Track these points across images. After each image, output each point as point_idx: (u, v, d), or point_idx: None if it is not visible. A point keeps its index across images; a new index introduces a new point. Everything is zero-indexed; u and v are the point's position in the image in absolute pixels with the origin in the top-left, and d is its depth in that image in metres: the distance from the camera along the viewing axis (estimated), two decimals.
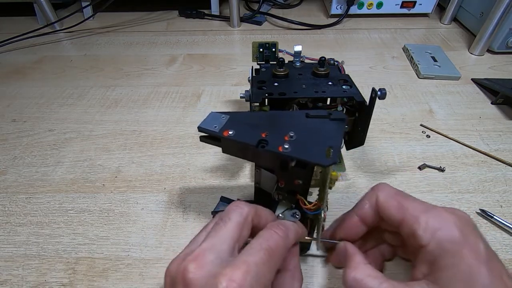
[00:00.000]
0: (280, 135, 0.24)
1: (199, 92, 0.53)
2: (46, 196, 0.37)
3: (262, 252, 0.20)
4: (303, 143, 0.24)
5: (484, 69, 0.58)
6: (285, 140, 0.24)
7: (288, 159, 0.23)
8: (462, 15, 0.72)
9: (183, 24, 0.78)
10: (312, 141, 0.24)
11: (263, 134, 0.25)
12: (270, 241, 0.21)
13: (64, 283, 0.29)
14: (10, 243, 0.33)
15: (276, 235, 0.21)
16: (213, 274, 0.18)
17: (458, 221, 0.21)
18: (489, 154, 0.41)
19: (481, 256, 0.19)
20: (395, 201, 0.23)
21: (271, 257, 0.20)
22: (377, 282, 0.20)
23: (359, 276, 0.21)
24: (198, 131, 0.26)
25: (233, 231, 0.21)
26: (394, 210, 0.23)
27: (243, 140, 0.24)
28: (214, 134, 0.25)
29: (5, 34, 0.70)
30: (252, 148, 0.24)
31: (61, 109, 0.51)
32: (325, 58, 0.36)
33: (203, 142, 0.27)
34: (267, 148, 0.24)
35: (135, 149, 0.43)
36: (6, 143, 0.45)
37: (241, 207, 0.22)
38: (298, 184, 0.25)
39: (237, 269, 0.18)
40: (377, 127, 0.45)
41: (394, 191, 0.24)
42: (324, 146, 0.23)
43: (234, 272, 0.18)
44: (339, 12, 0.75)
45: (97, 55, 0.65)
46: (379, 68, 0.59)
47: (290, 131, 0.24)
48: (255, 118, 0.27)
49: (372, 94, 0.29)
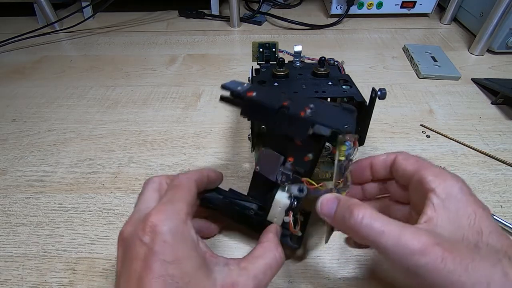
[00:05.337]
0: (300, 106, 0.25)
1: (199, 92, 0.53)
2: (46, 196, 0.37)
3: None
4: (322, 115, 0.24)
5: (484, 69, 0.58)
6: (305, 110, 0.25)
7: (309, 124, 0.24)
8: (462, 15, 0.72)
9: (183, 24, 0.78)
10: (330, 116, 0.25)
11: (284, 102, 0.25)
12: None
13: (64, 283, 0.29)
14: (10, 243, 0.33)
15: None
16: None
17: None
18: (489, 154, 0.41)
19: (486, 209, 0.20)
20: (414, 160, 0.24)
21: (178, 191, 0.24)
22: (383, 218, 0.20)
23: (368, 212, 0.20)
24: (221, 88, 0.26)
25: (184, 191, 0.24)
26: (410, 166, 0.23)
27: (266, 102, 0.25)
28: (238, 93, 0.26)
29: (5, 34, 0.70)
30: (274, 111, 0.24)
31: (61, 109, 0.51)
32: (325, 58, 0.36)
33: (223, 101, 0.27)
34: (290, 112, 0.24)
35: (135, 149, 0.43)
36: (6, 143, 0.45)
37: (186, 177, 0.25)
38: (308, 160, 0.25)
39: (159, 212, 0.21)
40: (377, 127, 0.45)
41: (414, 156, 0.25)
42: (342, 121, 0.24)
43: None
44: (339, 12, 0.75)
45: (97, 55, 0.65)
46: (379, 68, 0.59)
47: (310, 104, 0.25)
48: (276, 92, 0.28)
49: (372, 94, 0.29)
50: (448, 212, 0.20)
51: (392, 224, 0.19)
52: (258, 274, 0.22)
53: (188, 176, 0.25)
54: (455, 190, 0.21)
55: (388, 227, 0.19)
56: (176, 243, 0.20)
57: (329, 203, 0.23)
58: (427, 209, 0.21)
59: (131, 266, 0.20)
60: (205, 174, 0.27)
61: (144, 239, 0.20)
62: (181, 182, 0.24)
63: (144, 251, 0.20)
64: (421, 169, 0.22)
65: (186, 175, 0.25)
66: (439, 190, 0.21)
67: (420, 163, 0.23)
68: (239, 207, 0.28)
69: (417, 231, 0.19)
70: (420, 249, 0.18)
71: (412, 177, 0.23)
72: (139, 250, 0.20)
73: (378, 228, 0.19)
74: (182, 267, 0.20)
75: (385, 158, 0.26)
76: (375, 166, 0.26)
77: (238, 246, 0.32)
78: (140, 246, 0.20)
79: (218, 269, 0.22)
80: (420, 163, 0.23)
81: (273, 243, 0.25)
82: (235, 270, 0.22)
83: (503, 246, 0.19)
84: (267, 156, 0.27)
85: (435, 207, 0.20)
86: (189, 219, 0.22)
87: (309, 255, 0.31)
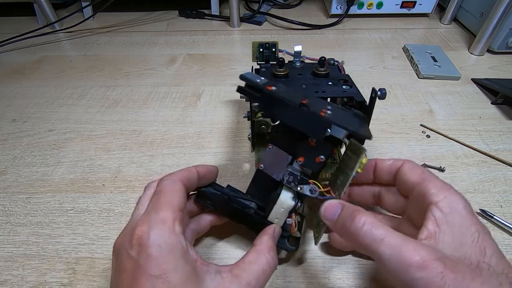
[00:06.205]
0: (318, 106, 0.24)
1: (199, 92, 0.53)
2: (46, 196, 0.37)
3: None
4: (340, 118, 0.24)
5: (484, 69, 0.58)
6: (324, 111, 0.24)
7: (329, 125, 0.23)
8: (462, 15, 0.72)
9: (183, 24, 0.78)
10: (347, 120, 0.24)
11: (303, 100, 0.24)
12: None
13: (64, 283, 0.29)
14: (10, 243, 0.33)
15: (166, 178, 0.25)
16: None
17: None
18: (489, 154, 0.41)
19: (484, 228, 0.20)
20: (420, 170, 0.24)
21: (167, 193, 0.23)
22: (386, 227, 0.20)
23: (370, 219, 0.20)
24: (240, 79, 0.25)
25: (168, 196, 0.23)
26: (415, 176, 0.23)
27: (287, 98, 0.24)
28: (258, 86, 0.24)
29: (5, 34, 0.70)
30: (294, 107, 0.24)
31: (61, 109, 0.51)
32: (325, 58, 0.36)
33: (240, 92, 0.26)
34: (310, 110, 0.23)
35: (135, 149, 0.43)
36: (6, 143, 0.45)
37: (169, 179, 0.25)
38: (319, 162, 0.25)
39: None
40: (377, 127, 0.45)
41: (421, 167, 0.25)
42: (359, 127, 0.24)
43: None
44: (339, 12, 0.75)
45: (97, 55, 0.65)
46: (379, 68, 0.59)
47: (328, 105, 0.25)
48: (293, 89, 0.27)
49: (372, 94, 0.29)
50: (452, 227, 0.20)
51: (393, 234, 0.19)
52: (251, 281, 0.22)
53: (172, 177, 0.24)
54: (460, 206, 0.20)
55: (388, 237, 0.19)
56: (162, 255, 0.20)
57: (333, 208, 0.23)
58: (428, 223, 0.20)
59: (121, 278, 0.20)
60: (193, 171, 0.26)
61: (131, 253, 0.20)
62: (164, 186, 0.24)
63: (131, 265, 0.20)
64: (425, 181, 0.22)
65: (170, 177, 0.24)
66: (442, 204, 0.20)
67: (425, 175, 0.23)
68: (238, 205, 0.27)
69: (419, 244, 0.19)
70: (417, 262, 0.18)
71: (414, 187, 0.23)
72: (127, 264, 0.20)
73: (377, 236, 0.19)
74: (170, 280, 0.19)
75: (391, 164, 0.25)
76: (379, 169, 0.26)
77: (237, 245, 0.32)
78: (127, 260, 0.20)
79: (210, 277, 0.21)
80: (426, 175, 0.23)
81: (266, 247, 0.24)
82: (228, 278, 0.21)
83: (504, 269, 0.18)
84: (273, 154, 0.27)
85: (437, 221, 0.20)
86: (177, 224, 0.21)
87: (309, 256, 0.31)
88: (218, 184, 0.29)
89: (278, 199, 0.26)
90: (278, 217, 0.27)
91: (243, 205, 0.28)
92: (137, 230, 0.20)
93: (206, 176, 0.28)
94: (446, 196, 0.21)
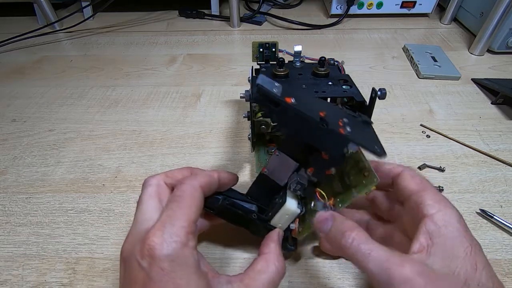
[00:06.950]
0: (335, 118, 0.23)
1: (199, 92, 0.53)
2: (46, 196, 0.37)
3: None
4: (357, 131, 0.23)
5: (484, 69, 0.58)
6: (340, 125, 0.22)
7: (348, 143, 0.22)
8: (462, 15, 0.72)
9: (183, 24, 0.78)
10: (360, 133, 0.23)
11: (321, 113, 0.22)
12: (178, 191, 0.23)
13: (64, 283, 0.29)
14: (10, 243, 0.33)
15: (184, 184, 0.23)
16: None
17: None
18: (489, 154, 0.41)
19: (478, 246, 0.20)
20: (418, 180, 0.24)
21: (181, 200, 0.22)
22: (373, 242, 0.20)
23: (358, 236, 0.21)
24: (257, 91, 0.22)
25: (186, 206, 0.22)
26: (413, 185, 0.23)
27: (306, 112, 0.22)
28: (276, 99, 0.22)
29: (5, 34, 0.70)
30: (314, 124, 0.22)
31: (61, 109, 0.51)
32: (325, 58, 0.36)
33: (257, 103, 0.24)
34: (329, 127, 0.22)
35: (135, 149, 0.43)
36: (6, 143, 0.45)
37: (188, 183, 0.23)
38: (329, 174, 0.24)
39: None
40: (377, 127, 0.44)
41: (420, 177, 0.25)
42: (372, 142, 0.23)
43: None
44: (339, 12, 0.75)
45: (97, 55, 0.65)
46: (379, 68, 0.59)
47: (344, 118, 0.23)
48: (308, 95, 0.26)
49: (372, 94, 0.29)
50: (445, 240, 0.20)
51: (380, 249, 0.20)
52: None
53: (193, 183, 0.23)
54: (454, 220, 0.20)
55: (375, 252, 0.19)
56: (175, 269, 0.19)
57: (325, 221, 0.23)
58: (420, 236, 0.20)
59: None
60: (214, 178, 0.25)
61: (142, 263, 0.19)
62: (184, 192, 0.22)
63: (142, 276, 0.19)
64: (422, 191, 0.22)
65: (191, 182, 0.23)
66: (437, 217, 0.20)
67: (423, 185, 0.23)
68: (241, 210, 0.27)
69: (404, 259, 0.19)
70: (400, 277, 0.18)
71: (411, 195, 0.23)
72: (138, 275, 0.19)
73: (364, 251, 0.20)
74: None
75: (391, 169, 0.25)
76: (378, 172, 0.26)
77: (237, 245, 0.32)
78: (138, 271, 0.19)
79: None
80: (424, 185, 0.23)
81: (275, 255, 0.24)
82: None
83: (494, 284, 0.18)
84: (279, 161, 0.26)
85: (430, 234, 0.20)
86: (191, 238, 0.20)
87: (309, 256, 0.31)
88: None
89: (283, 206, 0.26)
90: (281, 223, 0.27)
91: (246, 211, 0.27)
92: (149, 240, 0.19)
93: (226, 184, 0.27)
94: (441, 209, 0.21)
